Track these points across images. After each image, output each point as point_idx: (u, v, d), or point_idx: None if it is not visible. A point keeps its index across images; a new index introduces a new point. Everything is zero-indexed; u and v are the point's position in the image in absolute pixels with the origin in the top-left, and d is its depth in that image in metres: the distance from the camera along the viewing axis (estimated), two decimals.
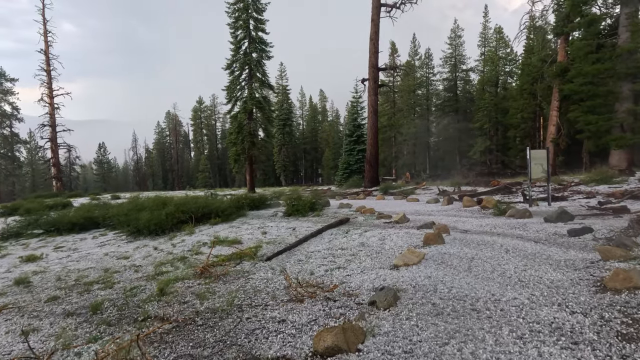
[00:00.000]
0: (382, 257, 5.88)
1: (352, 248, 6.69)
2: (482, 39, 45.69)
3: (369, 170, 23.50)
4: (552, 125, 23.90)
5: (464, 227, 8.41)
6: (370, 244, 6.87)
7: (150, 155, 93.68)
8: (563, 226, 7.36)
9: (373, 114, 23.33)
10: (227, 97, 29.60)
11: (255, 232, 9.57)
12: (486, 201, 10.91)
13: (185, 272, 6.14)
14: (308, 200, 13.15)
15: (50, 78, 47.01)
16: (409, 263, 5.11)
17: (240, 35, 29.24)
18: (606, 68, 19.00)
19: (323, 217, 11.57)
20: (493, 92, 42.89)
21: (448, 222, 9.11)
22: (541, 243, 6.20)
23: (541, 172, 10.15)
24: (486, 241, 6.39)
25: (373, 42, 22.91)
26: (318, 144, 73.69)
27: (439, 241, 6.29)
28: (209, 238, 9.44)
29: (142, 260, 7.82)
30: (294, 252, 7.06)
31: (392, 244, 6.66)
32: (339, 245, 7.09)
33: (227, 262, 6.58)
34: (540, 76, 31.01)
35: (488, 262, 5.03)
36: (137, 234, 11.04)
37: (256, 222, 11.40)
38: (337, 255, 6.29)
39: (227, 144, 30.71)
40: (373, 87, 23.33)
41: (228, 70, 29.32)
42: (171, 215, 11.38)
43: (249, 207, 14.99)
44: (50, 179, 49.06)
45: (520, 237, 6.84)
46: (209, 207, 12.48)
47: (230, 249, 7.59)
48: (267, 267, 6.07)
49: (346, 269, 5.42)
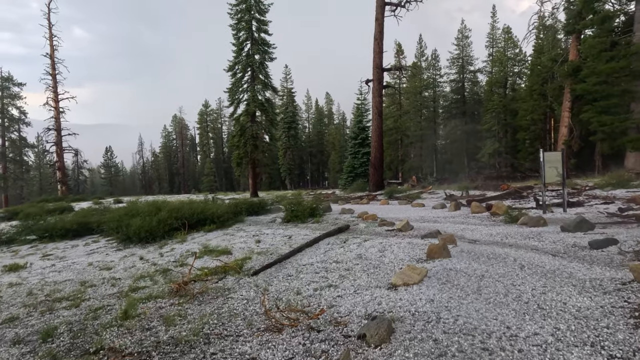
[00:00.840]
0: (380, 272, 5.23)
1: (348, 261, 6.05)
2: (490, 40, 44.84)
3: (373, 173, 22.82)
4: (564, 127, 23.04)
5: (472, 236, 7.75)
6: (368, 256, 6.24)
7: (157, 158, 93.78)
8: (583, 236, 6.65)
9: (377, 116, 22.64)
10: (229, 100, 29.14)
11: (248, 241, 9.00)
12: (496, 207, 10.21)
13: (162, 289, 5.54)
14: (308, 205, 12.62)
15: (55, 82, 47.08)
16: (408, 282, 4.45)
17: (243, 37, 28.78)
18: (621, 66, 18.17)
19: (323, 224, 10.77)
20: (502, 94, 41.98)
21: (455, 231, 8.45)
22: (560, 257, 5.51)
23: (556, 175, 9.43)
24: (497, 254, 5.72)
25: (377, 41, 22.25)
26: (324, 147, 73.12)
27: (444, 254, 5.63)
28: (199, 247, 8.90)
29: (124, 272, 7.24)
30: (285, 264, 6.45)
31: (393, 257, 6.02)
32: (335, 257, 6.46)
33: (209, 277, 5.97)
34: (550, 76, 30.15)
35: (500, 282, 4.35)
36: (127, 241, 10.51)
37: (252, 229, 10.85)
38: (331, 270, 5.66)
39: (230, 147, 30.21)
40: (377, 88, 22.66)
41: (230, 72, 28.85)
42: (163, 221, 10.85)
43: (247, 212, 14.51)
44: (56, 182, 49.03)
45: (535, 249, 6.16)
46: (204, 213, 11.97)
47: (218, 261, 7.01)
48: (252, 283, 5.44)
49: (338, 287, 4.78)
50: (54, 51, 46.94)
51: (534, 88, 34.11)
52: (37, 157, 75.29)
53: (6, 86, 52.01)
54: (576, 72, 21.28)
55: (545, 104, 33.15)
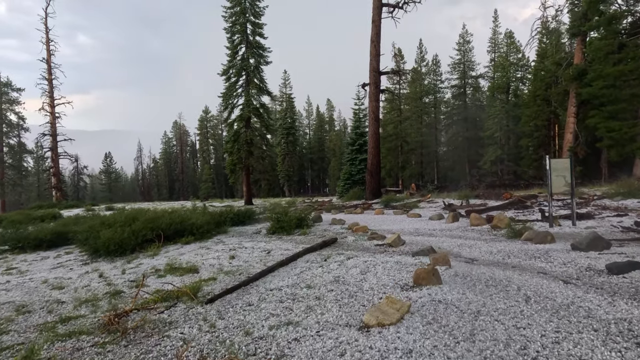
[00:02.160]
0: (355, 304, 4.32)
1: (323, 286, 5.15)
2: (492, 45, 44.05)
3: (370, 181, 21.85)
4: (569, 133, 22.08)
5: (469, 254, 6.84)
6: (347, 279, 5.34)
7: (157, 165, 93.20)
8: (598, 257, 5.72)
9: (374, 121, 21.74)
10: (222, 104, 28.34)
11: (222, 257, 8.14)
12: (498, 219, 9.27)
13: (95, 321, 4.63)
14: (295, 216, 11.82)
15: (51, 87, 46.64)
16: (384, 322, 3.52)
17: (237, 40, 28.05)
18: (629, 69, 17.26)
19: (310, 236, 10.00)
20: (504, 99, 41.06)
21: (451, 247, 7.55)
22: (573, 284, 4.58)
23: (563, 185, 8.49)
24: (498, 279, 4.81)
25: (374, 44, 21.41)
26: (325, 153, 72.28)
27: (433, 280, 4.71)
28: (171, 262, 8.03)
29: (73, 294, 6.34)
30: (250, 289, 5.55)
31: (375, 281, 5.12)
32: (309, 279, 5.57)
33: (157, 305, 5.05)
34: (554, 81, 29.24)
35: (501, 322, 3.43)
36: (96, 254, 9.66)
37: (233, 241, 9.93)
38: (299, 298, 4.76)
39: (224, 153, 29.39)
40: (374, 92, 21.78)
41: (224, 76, 28.08)
42: (137, 233, 9.97)
43: (232, 222, 13.75)
44: (50, 188, 48.32)
45: (543, 272, 5.22)
46: (183, 224, 11.12)
47: (181, 281, 6.19)
48: (201, 315, 4.53)
49: (299, 325, 3.86)
50: (51, 56, 46.57)
51: (537, 93, 33.18)
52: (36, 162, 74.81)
53: (5, 91, 51.54)
54: (582, 76, 20.37)
55: (549, 109, 32.21)
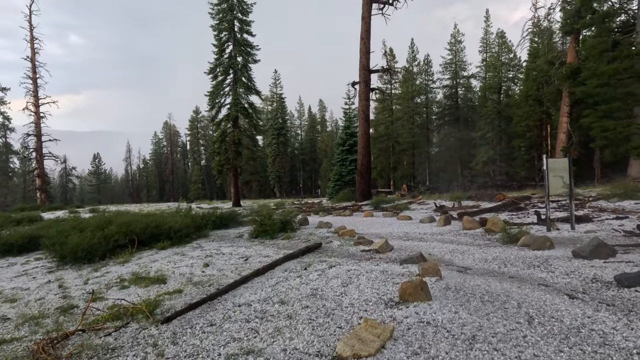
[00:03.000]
0: (331, 325, 3.71)
1: (297, 301, 4.54)
2: (484, 45, 43.74)
3: (360, 182, 21.26)
4: (562, 133, 21.70)
5: (462, 261, 6.28)
6: (325, 293, 4.73)
7: (147, 166, 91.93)
8: (603, 266, 5.17)
9: (364, 121, 21.17)
10: (209, 103, 27.59)
11: (196, 264, 7.52)
12: (492, 223, 8.73)
13: (23, 349, 3.97)
14: (279, 219, 11.22)
15: (36, 86, 45.65)
16: (360, 354, 2.91)
17: (224, 38, 27.33)
18: (624, 67, 16.87)
19: (294, 240, 9.42)
20: (496, 100, 40.78)
21: (442, 253, 6.99)
22: (580, 299, 4.02)
23: (561, 186, 7.97)
24: (495, 293, 4.23)
25: (364, 41, 20.84)
26: (317, 154, 71.67)
27: (421, 296, 4.11)
28: (140, 270, 7.38)
29: (23, 308, 5.67)
30: (217, 303, 4.93)
31: (356, 295, 4.52)
32: (284, 293, 4.97)
33: (105, 325, 4.40)
34: (546, 80, 28.91)
35: (501, 352, 2.84)
36: (63, 260, 8.97)
37: (212, 246, 9.21)
38: (268, 317, 4.14)
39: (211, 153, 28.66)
40: (364, 91, 21.21)
41: (211, 74, 27.34)
42: (108, 238, 9.29)
43: (214, 225, 13.11)
44: (34, 190, 47.12)
45: (544, 284, 4.66)
46: (160, 228, 10.44)
47: (146, 292, 5.58)
48: (152, 339, 3.88)
49: (262, 354, 3.25)
50: (35, 54, 45.57)
51: (529, 93, 32.88)
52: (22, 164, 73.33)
53: None
54: (575, 75, 19.98)
55: (542, 109, 31.91)
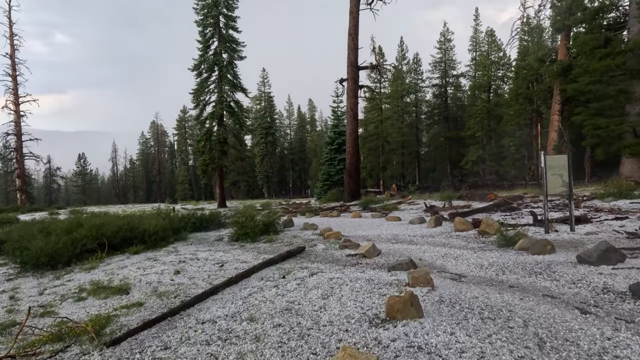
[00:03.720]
0: (305, 350, 3.09)
1: (269, 318, 3.89)
2: (473, 43, 43.45)
3: (348, 182, 20.64)
4: (554, 131, 21.33)
5: (456, 267, 5.69)
6: (302, 307, 4.09)
7: (134, 166, 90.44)
8: (612, 273, 4.59)
9: (353, 119, 20.55)
10: (193, 101, 26.73)
11: (167, 271, 6.87)
12: (486, 224, 8.15)
13: None
14: (261, 221, 10.61)
15: (16, 84, 44.34)
16: None
17: (209, 34, 26.50)
18: (616, 64, 16.51)
19: (276, 244, 8.88)
20: (485, 98, 40.52)
21: (433, 258, 6.39)
22: (593, 314, 3.42)
23: (560, 185, 7.42)
24: (496, 308, 3.62)
25: (352, 37, 20.23)
26: (306, 154, 70.95)
27: (411, 312, 3.48)
28: (105, 278, 6.71)
29: None
30: (178, 320, 4.28)
31: (337, 310, 3.89)
32: (255, 307, 4.32)
33: (42, 349, 3.70)
34: (536, 78, 28.62)
35: None
36: (24, 267, 8.27)
37: (189, 250, 8.65)
38: (233, 339, 3.50)
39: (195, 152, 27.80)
40: (352, 88, 20.59)
41: (195, 71, 26.49)
42: (76, 242, 8.58)
43: (194, 227, 12.44)
44: (14, 191, 45.73)
45: (550, 295, 4.06)
46: (134, 231, 9.75)
47: (105, 303, 4.93)
48: None
49: None
50: (15, 51, 44.21)
51: (519, 92, 32.59)
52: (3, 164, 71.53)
53: None
54: (566, 72, 19.60)
55: (532, 108, 31.64)
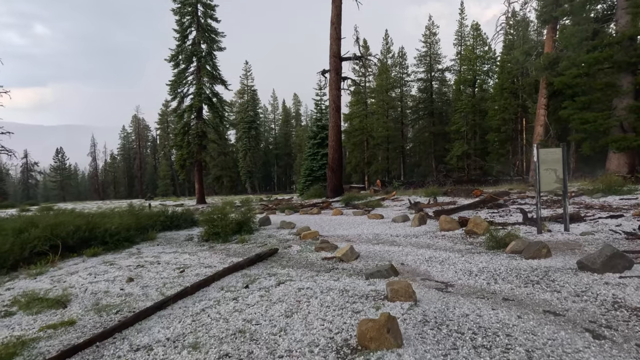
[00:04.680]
0: None
1: (217, 344, 3.16)
2: (458, 37, 43.04)
3: (331, 177, 19.91)
4: (539, 126, 20.95)
5: (441, 274, 5.01)
6: (260, 328, 3.37)
7: (115, 161, 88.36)
8: (621, 282, 3.95)
9: (335, 112, 19.81)
10: (170, 93, 25.60)
11: (119, 278, 6.08)
12: (473, 223, 7.51)
13: None
14: (235, 219, 9.90)
15: None
16: None
17: (187, 23, 25.38)
18: (604, 56, 16.10)
19: (248, 245, 8.18)
20: (470, 93, 40.20)
21: (417, 262, 5.71)
22: (608, 339, 2.77)
23: (554, 181, 6.81)
24: (491, 330, 2.94)
25: (334, 26, 19.44)
26: (291, 149, 69.98)
27: (387, 341, 2.78)
28: (50, 286, 5.87)
29: None
30: (107, 346, 3.49)
31: (300, 334, 3.18)
32: (204, 328, 3.59)
33: None
34: (521, 73, 28.29)
35: None
36: None
37: (154, 251, 7.96)
38: None
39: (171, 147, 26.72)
40: (335, 79, 19.83)
41: (172, 62, 25.36)
42: (25, 243, 7.71)
43: (163, 226, 11.61)
44: None
45: (552, 311, 3.38)
46: (94, 231, 8.88)
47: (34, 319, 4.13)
48: None
49: None
50: None
51: (504, 86, 32.29)
52: None
53: None
54: (553, 65, 19.21)
55: (517, 102, 31.38)
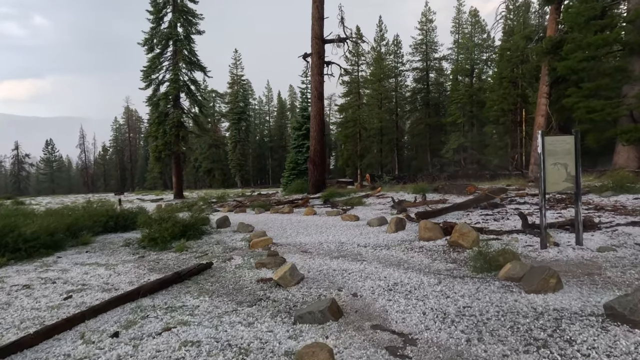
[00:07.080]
0: None
1: None
2: (456, 25, 41.23)
3: (312, 171, 18.20)
4: (541, 116, 19.28)
5: (403, 317, 3.38)
6: None
7: (106, 153, 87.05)
8: None
9: (318, 100, 18.08)
10: (143, 80, 23.78)
11: None
12: (459, 233, 5.87)
13: None
14: (180, 222, 8.45)
15: None
16: None
17: (162, 3, 23.52)
18: (614, 38, 14.41)
19: (187, 254, 7.01)
20: (468, 83, 38.45)
21: (375, 292, 4.05)
22: None
23: (564, 179, 5.16)
24: None
25: (316, 4, 17.63)
26: (286, 142, 68.33)
27: None
28: None
29: None
30: None
31: None
32: None
33: None
34: (521, 60, 26.58)
35: None
36: None
37: (70, 262, 6.65)
38: None
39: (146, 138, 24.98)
40: (317, 64, 18.08)
41: (146, 46, 23.53)
42: None
43: (106, 228, 10.15)
44: None
45: None
46: (5, 236, 7.38)
47: None
48: None
49: None
50: None
51: (503, 75, 30.59)
52: None
53: None
54: (557, 49, 17.50)
55: (517, 92, 29.70)
